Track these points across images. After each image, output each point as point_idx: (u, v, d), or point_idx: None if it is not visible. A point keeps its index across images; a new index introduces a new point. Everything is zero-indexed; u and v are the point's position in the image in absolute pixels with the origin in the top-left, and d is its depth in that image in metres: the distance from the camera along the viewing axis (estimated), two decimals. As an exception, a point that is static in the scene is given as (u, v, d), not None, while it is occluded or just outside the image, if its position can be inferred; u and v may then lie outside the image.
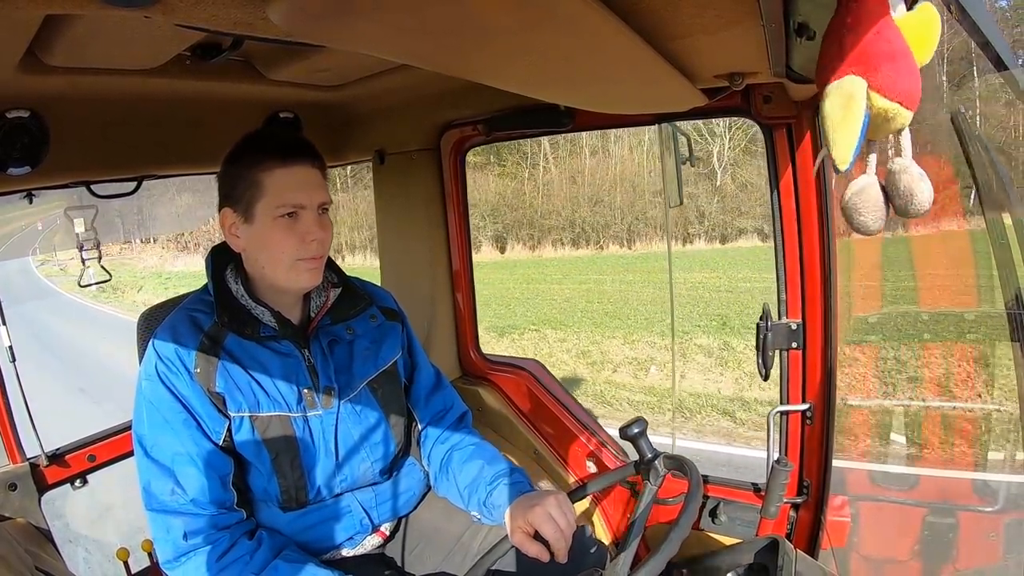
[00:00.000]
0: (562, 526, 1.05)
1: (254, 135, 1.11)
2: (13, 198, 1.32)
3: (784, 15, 0.68)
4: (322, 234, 1.09)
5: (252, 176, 1.05)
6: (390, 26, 0.58)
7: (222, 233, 1.12)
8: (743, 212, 19.11)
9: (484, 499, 1.17)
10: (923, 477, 2.23)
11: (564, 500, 1.10)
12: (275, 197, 1.05)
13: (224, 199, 1.10)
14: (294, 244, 1.07)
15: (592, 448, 1.78)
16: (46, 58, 0.96)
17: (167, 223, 23.00)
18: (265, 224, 1.06)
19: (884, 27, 0.51)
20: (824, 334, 1.34)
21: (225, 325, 1.09)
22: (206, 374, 1.06)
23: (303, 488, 1.13)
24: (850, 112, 0.52)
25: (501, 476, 1.18)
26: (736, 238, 19.00)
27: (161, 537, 1.04)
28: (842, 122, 0.52)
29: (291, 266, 1.08)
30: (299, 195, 1.06)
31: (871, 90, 0.52)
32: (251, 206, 1.06)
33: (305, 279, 1.10)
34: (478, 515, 1.20)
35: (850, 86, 0.52)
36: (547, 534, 1.05)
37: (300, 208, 1.07)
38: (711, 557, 1.07)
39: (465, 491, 1.21)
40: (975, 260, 2.15)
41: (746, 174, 19.16)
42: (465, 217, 1.90)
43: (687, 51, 0.86)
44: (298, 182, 1.06)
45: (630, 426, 1.16)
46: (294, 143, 1.10)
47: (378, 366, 1.24)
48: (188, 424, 1.05)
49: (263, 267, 1.10)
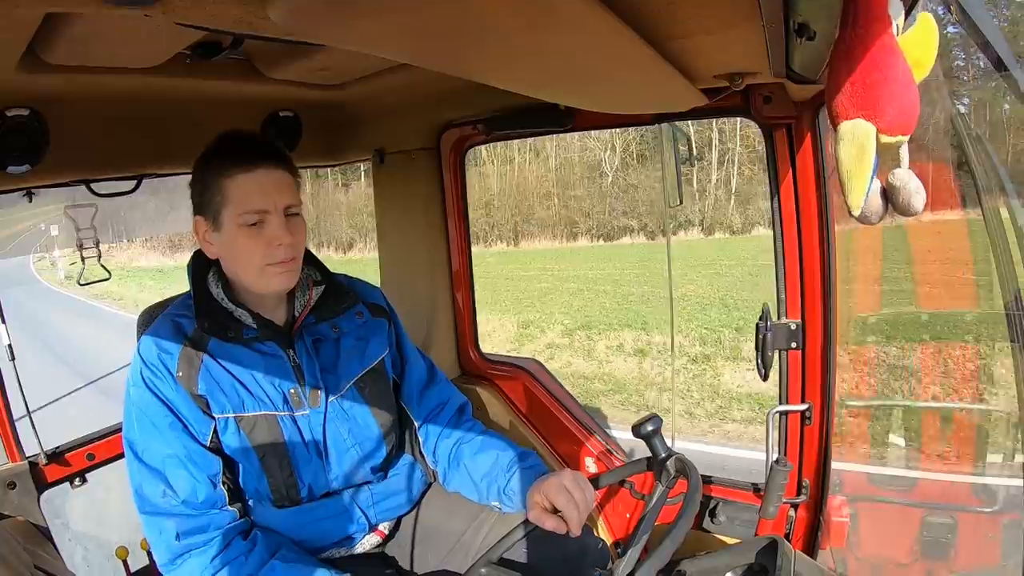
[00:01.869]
0: (576, 498, 1.06)
1: (218, 140, 1.09)
2: (19, 198, 1.32)
3: (784, 15, 0.68)
4: (289, 238, 1.07)
5: (217, 183, 1.05)
6: (390, 25, 0.58)
7: (196, 240, 1.12)
8: (625, 212, 21.59)
9: (504, 487, 1.17)
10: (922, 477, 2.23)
11: (580, 475, 1.10)
12: (238, 204, 1.04)
13: (196, 207, 1.10)
14: (261, 251, 1.06)
15: (591, 448, 1.79)
16: (46, 57, 0.95)
17: (141, 226, 25.87)
18: (232, 232, 1.06)
19: (890, 64, 0.54)
20: (824, 334, 1.34)
21: (206, 330, 1.09)
22: (188, 377, 1.07)
23: (293, 487, 1.13)
24: (862, 162, 0.57)
25: (517, 462, 1.19)
26: (620, 236, 21.64)
27: (156, 539, 1.04)
28: (856, 172, 0.58)
29: (260, 272, 1.07)
30: (262, 200, 1.05)
31: (879, 132, 0.56)
32: (219, 214, 1.06)
33: (276, 283, 1.10)
34: (499, 504, 1.20)
35: (862, 135, 0.57)
36: (560, 504, 1.05)
37: (264, 213, 1.05)
38: (710, 557, 1.06)
39: (482, 482, 1.21)
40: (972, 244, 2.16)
41: (633, 177, 22.01)
42: (465, 217, 1.90)
43: (687, 51, 0.86)
44: (260, 186, 1.05)
45: (644, 423, 1.12)
46: (255, 146, 1.08)
47: (365, 364, 1.23)
48: (175, 427, 1.05)
49: (236, 273, 1.10)
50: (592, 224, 22.02)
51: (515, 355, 2.43)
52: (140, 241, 27.73)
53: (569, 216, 22.27)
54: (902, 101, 0.55)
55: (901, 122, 0.56)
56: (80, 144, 1.26)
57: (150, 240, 27.35)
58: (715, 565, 1.04)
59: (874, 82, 0.55)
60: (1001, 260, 1.17)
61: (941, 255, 3.40)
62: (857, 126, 0.57)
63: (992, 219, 1.21)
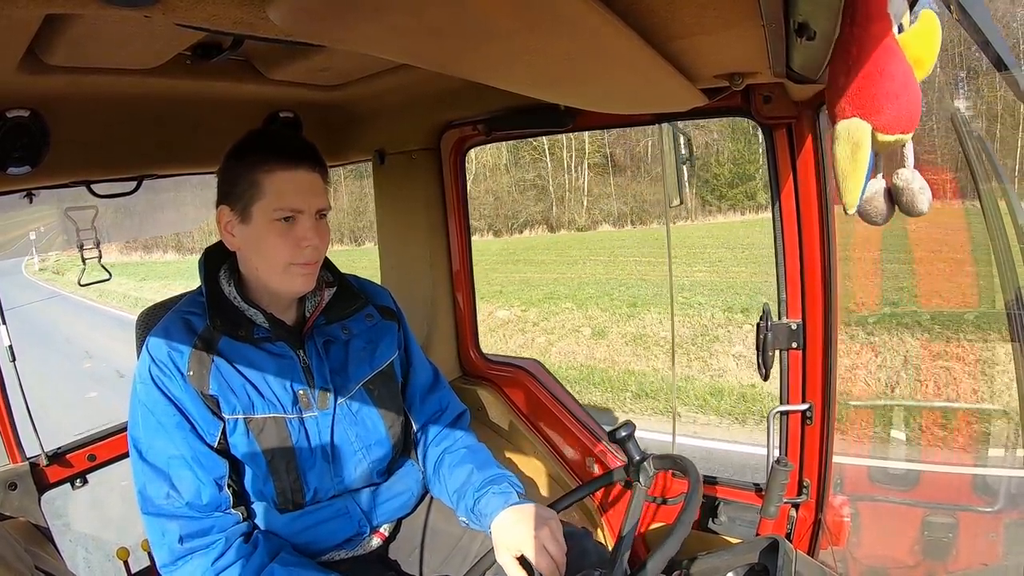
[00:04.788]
0: (554, 554, 1.03)
1: (258, 133, 1.10)
2: (24, 201, 1.32)
3: (784, 15, 0.68)
4: (318, 240, 1.08)
5: (252, 176, 1.04)
6: (390, 26, 0.58)
7: (217, 231, 1.11)
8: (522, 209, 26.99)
9: (471, 506, 1.16)
10: (923, 477, 2.23)
11: (555, 525, 1.07)
12: (274, 200, 1.04)
13: (223, 196, 1.09)
14: (289, 249, 1.06)
15: (591, 447, 1.79)
16: (46, 58, 0.95)
17: (125, 230, 27.84)
18: (261, 226, 1.05)
19: (888, 62, 0.54)
20: (824, 334, 1.34)
21: (217, 328, 1.08)
22: (199, 376, 1.06)
23: (299, 490, 1.12)
24: (857, 161, 0.57)
25: (489, 484, 1.17)
26: (520, 231, 26.43)
27: (157, 541, 1.03)
28: (851, 171, 0.58)
29: (284, 270, 1.07)
30: (298, 200, 1.05)
31: (876, 131, 0.56)
32: (249, 206, 1.05)
33: (298, 284, 1.10)
34: (466, 520, 1.20)
35: (857, 133, 0.57)
36: (542, 568, 1.03)
37: (298, 213, 1.06)
38: (711, 557, 1.06)
39: (454, 495, 1.21)
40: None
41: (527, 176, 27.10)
42: (465, 217, 1.90)
43: (687, 51, 0.86)
44: (298, 186, 1.05)
45: (618, 429, 1.18)
46: (298, 146, 1.08)
47: (374, 366, 1.23)
48: (182, 427, 1.04)
49: (256, 268, 1.10)
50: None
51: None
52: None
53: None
54: (901, 100, 0.55)
55: (900, 121, 0.56)
56: (80, 145, 1.26)
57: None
58: (716, 565, 1.04)
59: (871, 81, 0.55)
60: (1001, 259, 1.17)
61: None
62: (853, 125, 0.57)
63: (992, 218, 1.21)
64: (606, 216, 28.00)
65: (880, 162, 0.62)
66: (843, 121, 0.58)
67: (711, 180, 27.40)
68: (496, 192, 27.75)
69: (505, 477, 1.21)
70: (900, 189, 0.60)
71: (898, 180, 0.60)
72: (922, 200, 0.60)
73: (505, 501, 1.13)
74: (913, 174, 0.60)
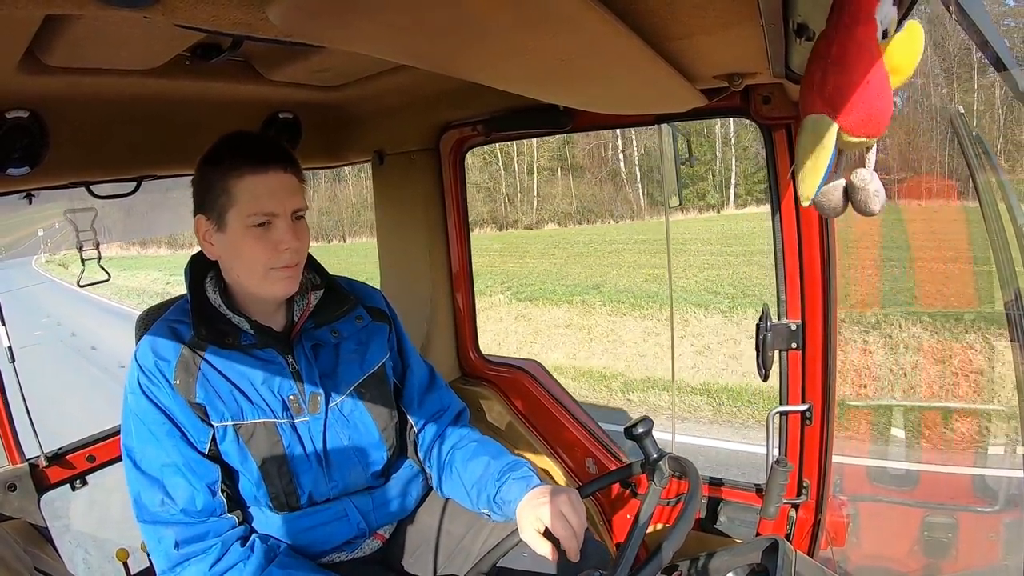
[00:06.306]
0: (574, 524, 1.04)
1: (226, 139, 1.07)
2: (19, 200, 1.32)
3: (783, 16, 0.68)
4: (296, 243, 1.06)
5: (223, 183, 1.03)
6: (389, 26, 0.58)
7: (197, 241, 1.10)
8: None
9: (493, 495, 1.15)
10: (922, 477, 2.24)
11: (576, 497, 1.08)
12: (247, 205, 1.03)
13: (198, 206, 1.08)
14: (267, 254, 1.04)
15: (591, 448, 1.79)
16: (46, 58, 0.95)
17: (130, 231, 32.33)
18: (237, 233, 1.04)
19: (866, 67, 0.54)
20: (824, 334, 1.34)
21: (203, 337, 1.08)
22: (186, 385, 1.05)
23: (293, 494, 1.12)
24: (818, 157, 0.58)
25: (509, 471, 1.17)
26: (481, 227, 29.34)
27: (155, 548, 1.04)
28: (810, 165, 0.59)
29: (265, 275, 1.06)
30: (272, 203, 1.04)
31: (842, 130, 0.57)
32: (223, 214, 1.04)
33: (280, 288, 1.09)
34: (488, 512, 1.18)
35: (822, 129, 0.57)
36: (559, 533, 1.04)
37: (273, 216, 1.04)
38: (711, 558, 1.06)
39: (473, 489, 1.20)
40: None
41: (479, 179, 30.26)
42: (464, 218, 1.89)
43: (686, 52, 0.86)
44: (270, 189, 1.04)
45: (635, 425, 1.14)
46: (267, 147, 1.07)
47: (365, 369, 1.22)
48: (172, 435, 1.04)
49: (238, 276, 1.09)
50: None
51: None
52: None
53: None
54: (872, 104, 0.55)
55: (867, 124, 0.56)
56: (80, 146, 1.26)
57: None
58: (716, 565, 1.04)
59: (845, 81, 0.55)
60: (1001, 259, 1.17)
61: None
62: (820, 121, 0.58)
63: (992, 218, 1.21)
64: (551, 216, 31.08)
65: (842, 159, 0.63)
66: (811, 116, 0.58)
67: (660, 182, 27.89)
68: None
69: (522, 463, 1.20)
70: (856, 188, 0.61)
71: (856, 179, 0.61)
72: (875, 202, 0.61)
73: (527, 484, 1.13)
74: (871, 175, 0.60)
